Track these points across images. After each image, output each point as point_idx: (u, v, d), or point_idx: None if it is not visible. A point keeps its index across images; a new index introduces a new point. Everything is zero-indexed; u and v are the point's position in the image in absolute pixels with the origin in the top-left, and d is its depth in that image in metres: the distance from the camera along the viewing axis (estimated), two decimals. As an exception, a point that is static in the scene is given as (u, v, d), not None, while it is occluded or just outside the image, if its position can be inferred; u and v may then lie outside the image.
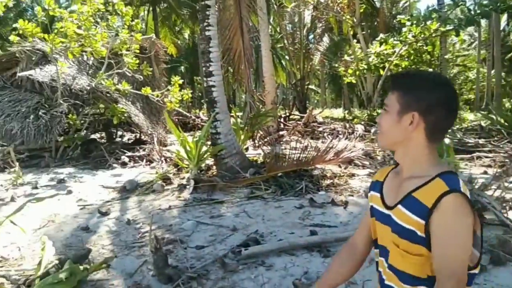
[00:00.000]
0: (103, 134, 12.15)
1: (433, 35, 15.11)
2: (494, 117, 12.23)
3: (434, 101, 1.27)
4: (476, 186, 4.75)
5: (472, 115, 18.59)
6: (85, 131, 10.97)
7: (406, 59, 17.78)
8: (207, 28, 7.40)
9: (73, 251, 4.07)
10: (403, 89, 1.32)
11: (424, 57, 17.96)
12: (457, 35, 13.12)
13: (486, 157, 8.51)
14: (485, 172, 7.17)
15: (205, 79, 7.62)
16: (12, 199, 6.13)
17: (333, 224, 4.87)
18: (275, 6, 20.27)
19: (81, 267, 3.51)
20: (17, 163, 7.52)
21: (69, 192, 6.62)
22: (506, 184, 5.05)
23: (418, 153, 1.31)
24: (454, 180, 1.22)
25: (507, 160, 8.06)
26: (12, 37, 10.21)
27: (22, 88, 9.85)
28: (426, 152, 1.31)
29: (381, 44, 17.29)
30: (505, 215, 4.45)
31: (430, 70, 18.30)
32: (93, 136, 11.69)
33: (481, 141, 9.94)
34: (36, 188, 6.88)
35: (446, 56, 18.46)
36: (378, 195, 1.43)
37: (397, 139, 1.34)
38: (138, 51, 9.86)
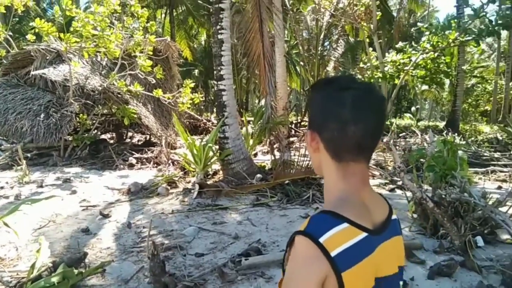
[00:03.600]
0: (113, 135, 12.16)
1: (452, 44, 14.81)
2: (511, 130, 11.88)
3: (324, 114, 1.03)
4: (490, 202, 4.54)
5: (488, 127, 18.19)
6: (95, 131, 10.99)
7: (423, 68, 17.50)
8: (219, 31, 7.33)
9: (69, 254, 3.99)
10: (308, 102, 1.10)
11: (442, 67, 17.64)
12: (477, 45, 12.83)
13: (501, 171, 8.23)
14: (500, 187, 6.92)
15: (215, 82, 7.54)
16: (17, 198, 6.11)
17: (338, 236, 4.70)
18: (291, 12, 20.20)
19: (76, 271, 3.43)
20: (24, 161, 7.53)
21: (74, 192, 6.58)
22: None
23: (329, 180, 1.07)
24: (320, 222, 0.97)
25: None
26: (29, 36, 10.32)
27: (35, 86, 9.91)
28: (337, 179, 1.04)
29: (398, 52, 17.07)
30: (520, 234, 4.23)
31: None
32: (103, 137, 11.71)
33: (496, 154, 9.64)
34: (41, 187, 6.87)
35: (464, 67, 18.10)
36: None
37: (314, 163, 1.11)
38: (151, 53, 9.86)
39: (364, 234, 0.98)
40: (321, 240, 0.93)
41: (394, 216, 1.11)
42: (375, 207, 1.06)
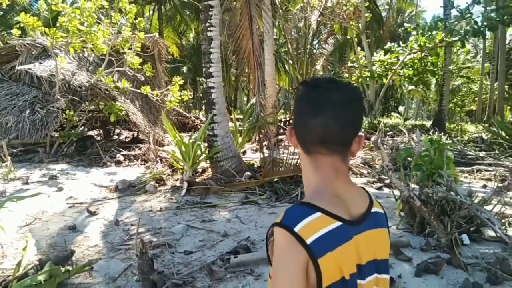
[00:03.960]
0: (100, 131, 12.02)
1: (439, 45, 15.01)
2: (495, 130, 12.08)
3: (295, 110, 1.13)
4: (476, 200, 4.61)
5: (474, 127, 18.47)
6: (81, 127, 10.86)
7: (410, 68, 17.70)
8: (209, 28, 7.30)
9: (56, 252, 3.94)
10: None
11: (428, 67, 17.86)
12: (463, 46, 13.03)
13: (486, 170, 8.37)
14: (485, 186, 7.03)
15: (204, 80, 7.51)
16: (1, 195, 6.01)
17: (327, 233, 4.73)
18: (280, 10, 20.21)
19: (63, 269, 3.39)
20: (9, 158, 7.40)
21: (60, 189, 6.49)
22: (506, 199, 4.92)
23: (306, 173, 1.14)
24: (295, 213, 1.02)
25: (507, 174, 7.91)
26: (14, 31, 10.14)
27: (20, 81, 9.74)
28: (311, 172, 1.12)
29: (386, 53, 17.22)
30: (504, 231, 4.31)
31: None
32: (90, 133, 11.57)
33: (481, 154, 9.80)
34: (27, 183, 6.76)
35: (450, 67, 18.35)
36: None
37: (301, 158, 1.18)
38: (140, 49, 9.76)
39: (338, 223, 1.02)
40: (296, 229, 0.98)
41: (376, 209, 1.14)
42: (352, 198, 1.10)
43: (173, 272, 3.64)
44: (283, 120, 16.68)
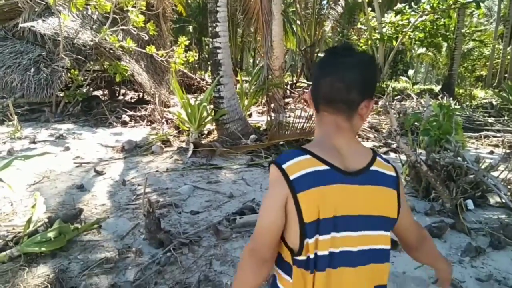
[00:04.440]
0: (106, 92, 11.96)
1: (452, 6, 14.50)
2: (506, 95, 11.87)
3: (312, 74, 1.28)
4: (483, 167, 4.59)
5: (483, 92, 18.16)
6: (87, 87, 10.80)
7: (421, 30, 17.21)
8: (215, -14, 7.06)
9: (65, 210, 4.01)
10: None
11: (440, 30, 17.35)
12: (478, 7, 12.59)
13: (494, 136, 8.30)
14: (492, 152, 7.00)
15: (210, 40, 7.35)
16: (9, 153, 6.06)
17: (332, 196, 4.76)
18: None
19: (72, 227, 3.45)
20: (15, 117, 7.41)
21: (67, 148, 6.53)
22: (513, 166, 4.89)
23: (315, 128, 1.29)
24: (288, 154, 1.16)
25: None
26: (16, -14, 9.86)
27: (24, 39, 9.59)
28: (317, 128, 1.26)
29: (397, 14, 16.70)
30: (510, 197, 4.31)
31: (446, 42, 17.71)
32: (95, 93, 11.51)
33: (490, 119, 9.68)
34: (34, 143, 6.80)
35: (463, 30, 17.81)
36: None
37: None
38: (144, 7, 9.51)
39: (326, 167, 1.11)
40: (284, 166, 1.12)
41: (378, 168, 1.19)
42: (352, 154, 1.17)
43: (179, 231, 3.70)
44: (289, 82, 16.46)
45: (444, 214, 4.21)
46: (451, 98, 11.64)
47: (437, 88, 18.02)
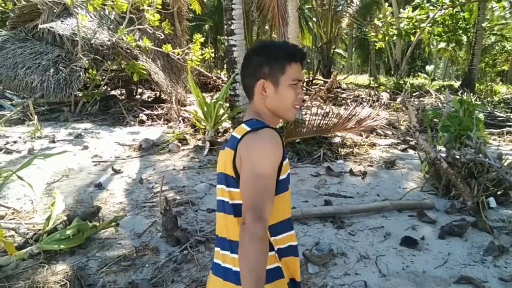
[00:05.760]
0: (123, 91, 12.09)
1: (472, 0, 14.18)
2: (529, 91, 11.56)
3: None
4: (505, 163, 4.46)
5: (505, 87, 17.73)
6: (104, 87, 10.92)
7: (441, 25, 16.88)
8: (230, -17, 7.04)
9: (83, 208, 4.05)
10: None
11: (460, 24, 16.98)
12: (499, 1, 12.27)
13: (517, 133, 8.08)
14: (515, 149, 6.81)
15: (226, 38, 7.34)
16: (30, 152, 6.17)
17: (349, 194, 4.71)
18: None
19: (90, 225, 3.49)
20: (35, 116, 7.55)
21: (85, 147, 6.61)
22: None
23: None
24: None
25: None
26: (35, -12, 10.03)
27: (43, 40, 9.76)
28: None
29: (414, 9, 16.42)
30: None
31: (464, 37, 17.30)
32: (113, 93, 11.65)
33: (513, 115, 9.44)
34: (53, 142, 6.90)
35: (484, 24, 17.39)
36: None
37: None
38: (160, 6, 9.56)
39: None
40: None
41: (233, 133, 1.37)
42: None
43: (196, 229, 3.70)
44: (305, 80, 16.34)
45: (465, 212, 4.11)
46: (472, 94, 11.40)
47: (457, 84, 17.66)
